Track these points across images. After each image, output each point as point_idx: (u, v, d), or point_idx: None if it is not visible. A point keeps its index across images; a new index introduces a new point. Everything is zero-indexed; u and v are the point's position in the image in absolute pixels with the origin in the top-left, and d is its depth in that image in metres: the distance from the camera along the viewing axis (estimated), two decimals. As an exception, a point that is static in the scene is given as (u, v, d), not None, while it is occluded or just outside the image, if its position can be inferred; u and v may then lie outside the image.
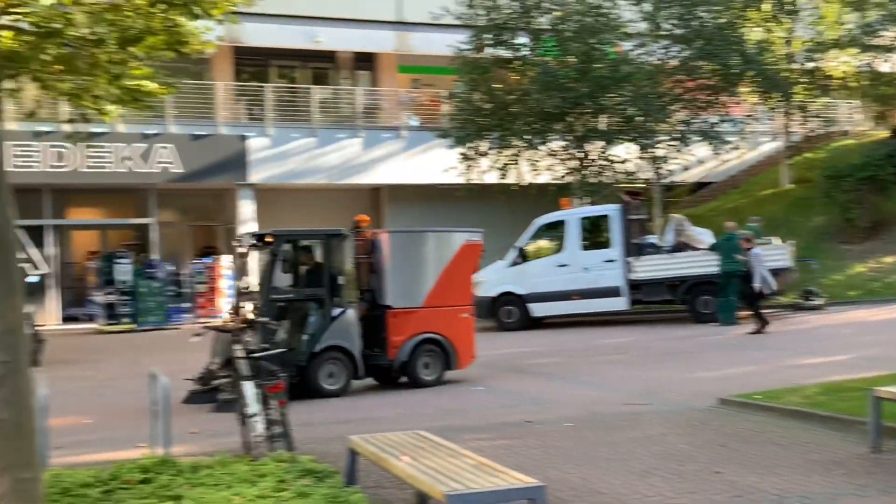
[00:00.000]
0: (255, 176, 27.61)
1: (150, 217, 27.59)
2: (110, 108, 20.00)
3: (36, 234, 24.99)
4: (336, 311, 13.05)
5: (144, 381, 15.31)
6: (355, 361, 13.01)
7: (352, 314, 13.12)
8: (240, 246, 13.44)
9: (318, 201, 29.23)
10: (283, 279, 13.35)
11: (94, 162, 25.86)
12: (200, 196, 29.73)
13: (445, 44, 26.08)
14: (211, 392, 12.43)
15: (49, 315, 25.66)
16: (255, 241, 13.07)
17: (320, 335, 12.93)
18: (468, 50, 25.52)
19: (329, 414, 11.56)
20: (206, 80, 28.41)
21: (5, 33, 7.06)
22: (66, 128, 22.21)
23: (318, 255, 13.40)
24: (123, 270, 24.28)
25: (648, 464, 8.13)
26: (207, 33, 8.20)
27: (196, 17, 7.90)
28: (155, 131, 26.48)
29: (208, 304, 25.43)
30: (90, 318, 24.94)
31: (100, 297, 24.38)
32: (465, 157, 25.80)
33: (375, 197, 30.72)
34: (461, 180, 26.05)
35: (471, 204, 26.47)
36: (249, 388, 8.39)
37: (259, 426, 8.19)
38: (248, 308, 12.50)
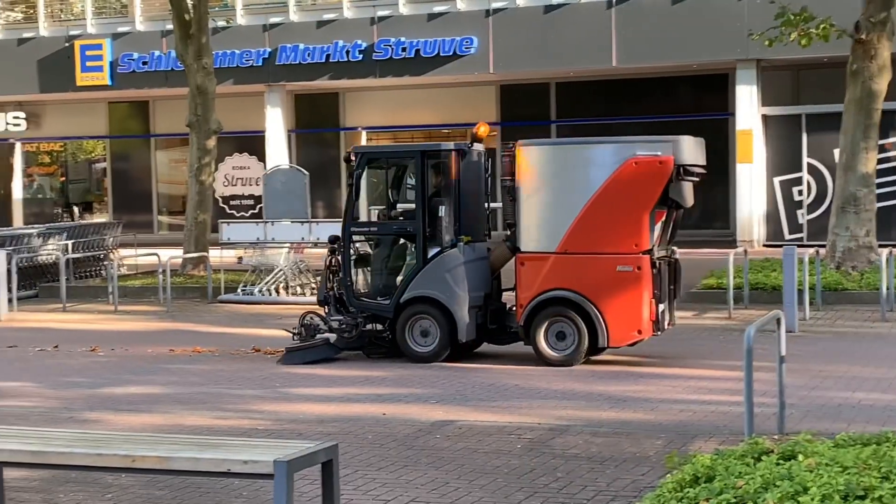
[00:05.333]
0: None
1: None
2: None
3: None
4: (432, 252, 9.98)
5: None
6: (453, 319, 9.80)
7: (453, 255, 9.91)
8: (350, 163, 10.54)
9: None
10: (372, 208, 10.90)
11: None
12: None
13: None
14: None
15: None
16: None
17: (408, 281, 10.03)
18: None
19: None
20: None
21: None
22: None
23: (413, 179, 10.33)
24: None
25: None
26: None
27: None
28: None
29: None
30: None
31: None
32: None
33: None
34: None
35: None
36: None
37: None
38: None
